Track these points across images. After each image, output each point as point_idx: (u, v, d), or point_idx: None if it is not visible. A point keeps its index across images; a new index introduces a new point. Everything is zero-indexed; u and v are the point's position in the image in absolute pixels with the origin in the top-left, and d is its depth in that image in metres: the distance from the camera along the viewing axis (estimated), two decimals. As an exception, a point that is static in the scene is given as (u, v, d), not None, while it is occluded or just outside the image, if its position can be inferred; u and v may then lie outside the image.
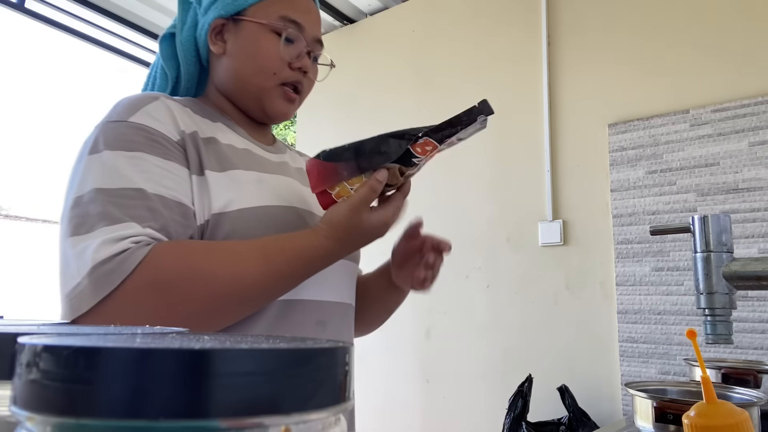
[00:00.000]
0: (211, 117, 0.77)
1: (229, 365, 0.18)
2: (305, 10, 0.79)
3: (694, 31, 1.81)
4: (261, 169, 0.75)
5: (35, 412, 0.18)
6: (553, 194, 2.03)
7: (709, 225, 0.80)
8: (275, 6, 0.76)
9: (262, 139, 0.84)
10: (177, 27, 0.81)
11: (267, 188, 0.72)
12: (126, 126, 0.65)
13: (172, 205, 0.63)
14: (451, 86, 2.35)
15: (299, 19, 0.77)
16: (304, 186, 0.81)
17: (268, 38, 0.75)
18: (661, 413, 0.83)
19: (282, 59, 0.76)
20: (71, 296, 0.58)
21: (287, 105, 0.79)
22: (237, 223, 0.66)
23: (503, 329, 2.08)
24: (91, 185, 0.61)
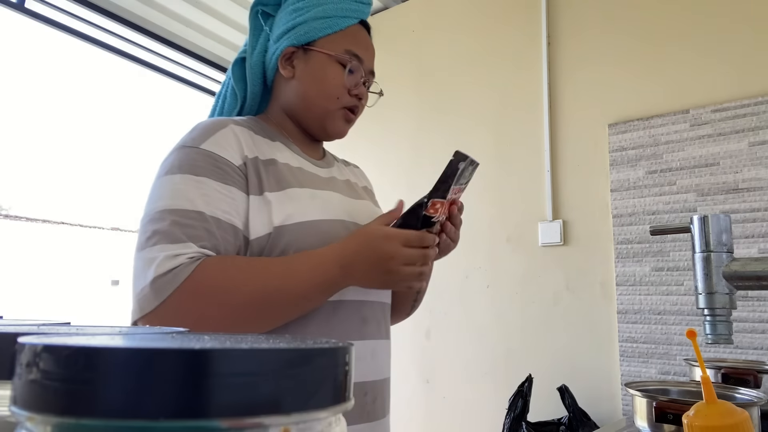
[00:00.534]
0: (270, 136, 0.88)
1: (229, 365, 0.18)
2: (365, 46, 0.92)
3: (694, 31, 1.81)
4: (313, 186, 0.86)
5: (35, 412, 0.18)
6: (553, 194, 2.03)
7: (709, 225, 0.80)
8: (342, 40, 0.89)
9: (314, 154, 0.95)
10: (248, 51, 0.93)
11: (318, 203, 0.83)
12: (197, 152, 0.77)
13: (225, 227, 0.75)
14: (451, 86, 2.35)
15: (360, 53, 0.90)
16: (350, 199, 0.92)
17: (333, 67, 0.88)
18: (661, 413, 0.83)
19: (344, 86, 0.89)
20: (138, 298, 0.71)
21: (345, 125, 0.92)
22: (293, 236, 0.77)
23: (503, 329, 2.08)
24: (162, 205, 0.74)
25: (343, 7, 0.89)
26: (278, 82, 0.93)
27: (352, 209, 0.89)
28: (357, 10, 0.91)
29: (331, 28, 0.89)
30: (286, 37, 0.89)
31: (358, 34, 0.91)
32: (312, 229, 0.79)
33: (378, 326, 0.88)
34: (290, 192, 0.81)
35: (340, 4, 0.89)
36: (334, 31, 0.89)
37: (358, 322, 0.84)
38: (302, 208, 0.80)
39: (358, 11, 0.91)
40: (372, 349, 0.85)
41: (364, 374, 0.82)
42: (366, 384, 0.82)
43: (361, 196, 0.97)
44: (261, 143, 0.85)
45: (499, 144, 2.19)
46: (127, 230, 13.88)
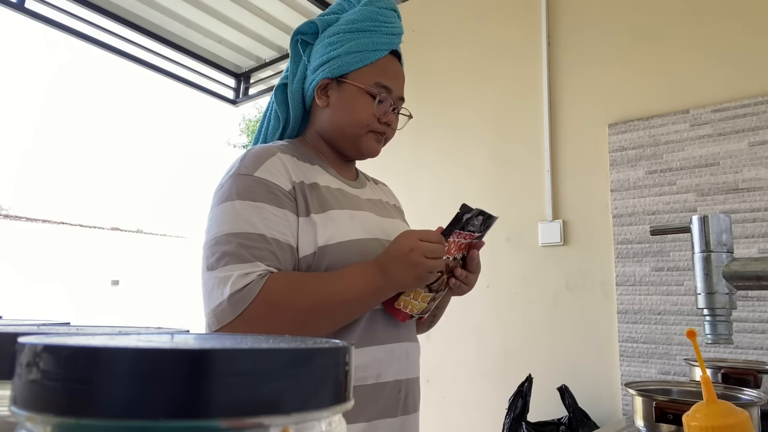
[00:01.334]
0: (310, 160, 0.96)
1: (229, 365, 0.18)
2: (394, 76, 0.99)
3: (693, 32, 1.81)
4: (351, 206, 0.94)
5: (35, 412, 0.18)
6: (553, 194, 2.03)
7: (709, 225, 0.80)
8: (372, 73, 0.96)
9: (348, 175, 1.03)
10: (289, 78, 1.01)
11: (357, 224, 0.91)
12: (252, 180, 0.86)
13: (284, 247, 0.84)
14: (451, 86, 2.35)
15: (389, 84, 0.97)
16: (383, 218, 0.99)
17: (364, 99, 0.95)
18: (661, 413, 0.83)
19: (374, 116, 0.96)
20: (216, 312, 0.79)
21: (378, 146, 1.00)
22: (336, 254, 0.86)
23: (503, 329, 2.08)
24: (227, 229, 0.82)
25: (374, 41, 0.96)
26: (315, 108, 1.01)
27: (387, 228, 0.97)
28: (387, 42, 0.98)
29: (362, 62, 0.95)
30: (322, 69, 0.96)
31: (388, 65, 0.98)
32: (352, 247, 0.88)
33: (409, 331, 0.97)
34: (332, 214, 0.89)
35: (372, 38, 0.96)
36: (365, 65, 0.95)
37: (395, 327, 0.93)
38: (342, 228, 0.88)
39: (388, 43, 0.98)
40: (407, 350, 0.94)
41: (400, 372, 0.91)
42: (401, 381, 0.91)
43: (392, 214, 1.04)
44: (303, 168, 0.93)
45: (499, 144, 2.19)
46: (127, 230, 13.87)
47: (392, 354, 0.90)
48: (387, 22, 0.99)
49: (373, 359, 0.87)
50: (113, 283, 12.50)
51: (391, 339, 0.91)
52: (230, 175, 0.88)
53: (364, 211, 0.96)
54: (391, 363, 0.89)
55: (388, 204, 1.08)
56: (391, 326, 0.92)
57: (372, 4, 0.99)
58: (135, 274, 12.40)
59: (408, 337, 0.96)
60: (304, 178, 0.91)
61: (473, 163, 2.23)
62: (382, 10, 0.99)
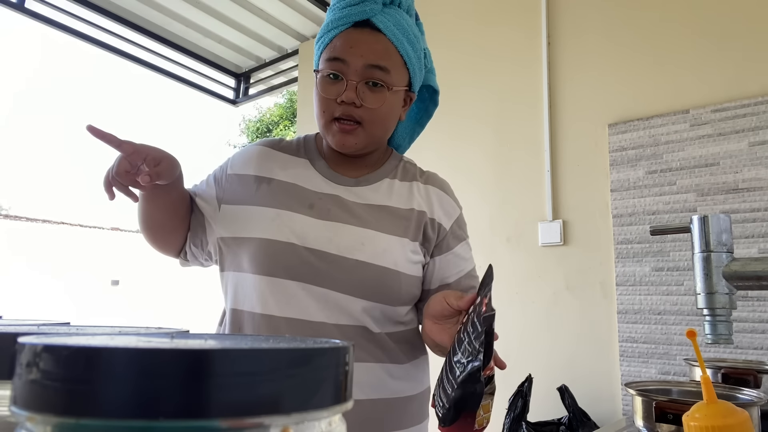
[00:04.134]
0: (301, 153, 0.96)
1: (229, 365, 0.18)
2: (349, 44, 0.86)
3: (694, 31, 1.81)
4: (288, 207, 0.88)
5: (35, 412, 0.18)
6: (553, 194, 2.03)
7: (709, 225, 0.80)
8: (325, 53, 0.88)
9: (348, 171, 0.95)
10: None
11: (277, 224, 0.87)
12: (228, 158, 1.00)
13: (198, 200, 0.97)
14: (451, 86, 2.35)
15: (341, 55, 0.85)
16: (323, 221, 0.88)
17: (320, 84, 0.87)
18: (661, 413, 0.83)
19: (327, 98, 0.86)
20: None
21: (342, 137, 0.87)
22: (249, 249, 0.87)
23: (503, 329, 2.07)
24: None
25: (330, 21, 0.87)
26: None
27: (322, 234, 0.86)
28: (343, 17, 0.86)
29: (320, 48, 0.89)
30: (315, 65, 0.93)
31: (342, 38, 0.86)
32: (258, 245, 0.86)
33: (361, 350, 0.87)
34: (249, 209, 0.90)
35: (329, 18, 0.88)
36: (323, 49, 0.88)
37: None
38: (260, 225, 0.87)
39: (345, 17, 0.86)
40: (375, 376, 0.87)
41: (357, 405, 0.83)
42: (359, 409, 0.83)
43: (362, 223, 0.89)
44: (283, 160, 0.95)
45: (499, 144, 2.19)
46: (127, 230, 13.88)
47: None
48: None
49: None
50: (113, 283, 12.50)
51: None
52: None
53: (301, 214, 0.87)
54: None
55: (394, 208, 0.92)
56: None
57: None
58: (135, 274, 12.40)
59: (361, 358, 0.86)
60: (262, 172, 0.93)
61: (473, 163, 2.23)
62: None
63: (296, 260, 0.84)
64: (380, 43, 0.87)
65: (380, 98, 0.87)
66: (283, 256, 0.84)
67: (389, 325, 0.90)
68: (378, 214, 0.91)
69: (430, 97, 1.07)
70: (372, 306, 0.87)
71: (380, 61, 0.86)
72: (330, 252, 0.85)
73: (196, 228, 0.95)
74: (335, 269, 0.84)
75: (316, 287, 0.84)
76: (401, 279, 0.89)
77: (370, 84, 0.86)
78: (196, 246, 0.96)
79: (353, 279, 0.85)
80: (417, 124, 1.11)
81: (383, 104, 0.87)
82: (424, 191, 0.99)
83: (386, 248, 0.88)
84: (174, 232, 0.95)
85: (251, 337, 0.26)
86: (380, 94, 0.87)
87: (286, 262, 0.84)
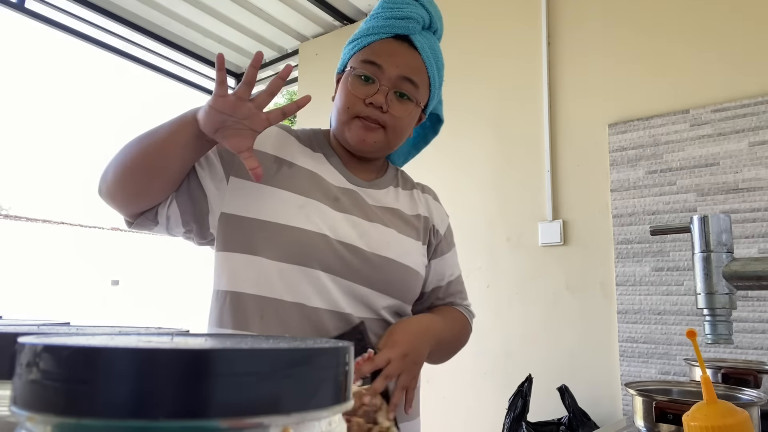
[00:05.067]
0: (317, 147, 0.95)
1: (229, 365, 0.18)
2: (388, 53, 0.90)
3: (694, 31, 1.81)
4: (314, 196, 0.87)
5: (35, 412, 0.18)
6: (553, 194, 2.03)
7: (709, 225, 0.80)
8: (362, 55, 0.90)
9: (360, 173, 0.96)
10: None
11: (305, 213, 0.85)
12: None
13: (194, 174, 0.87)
14: (451, 86, 2.34)
15: (377, 59, 0.89)
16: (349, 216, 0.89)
17: (350, 80, 0.89)
18: (661, 413, 0.83)
19: (355, 96, 0.88)
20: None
21: (364, 132, 0.89)
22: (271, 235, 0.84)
23: (503, 329, 2.07)
24: None
25: (371, 26, 0.92)
26: None
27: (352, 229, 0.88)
28: (386, 26, 0.91)
29: (355, 48, 0.92)
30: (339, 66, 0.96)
31: (382, 44, 0.91)
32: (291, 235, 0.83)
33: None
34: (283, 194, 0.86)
35: (370, 24, 0.92)
36: (358, 50, 0.92)
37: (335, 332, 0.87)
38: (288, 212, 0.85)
39: (387, 26, 0.91)
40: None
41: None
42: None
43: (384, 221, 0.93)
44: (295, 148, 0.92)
45: (499, 144, 2.19)
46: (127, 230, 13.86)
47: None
48: (394, 7, 0.92)
49: None
50: (113, 283, 12.50)
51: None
52: None
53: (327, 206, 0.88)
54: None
55: (402, 213, 0.98)
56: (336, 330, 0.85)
57: None
58: (135, 274, 12.40)
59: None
60: (282, 154, 0.90)
61: (473, 163, 2.23)
62: None
63: (329, 252, 0.85)
64: (416, 59, 0.92)
65: (406, 109, 0.91)
66: (316, 248, 0.84)
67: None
68: (392, 216, 0.96)
69: (432, 126, 1.11)
70: (392, 303, 0.92)
71: (413, 75, 0.91)
72: (360, 247, 0.88)
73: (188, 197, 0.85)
74: (365, 265, 0.88)
75: (345, 280, 0.86)
76: (418, 279, 0.95)
77: (397, 94, 0.90)
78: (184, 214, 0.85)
79: (380, 276, 0.89)
80: (414, 147, 1.15)
81: (407, 115, 0.92)
82: (423, 199, 1.06)
83: (408, 249, 0.94)
84: (165, 187, 0.83)
85: (251, 338, 0.26)
86: (406, 106, 0.91)
87: (319, 254, 0.84)
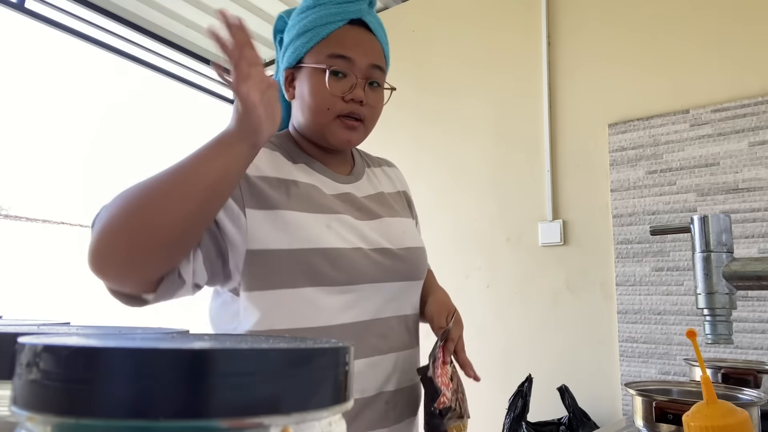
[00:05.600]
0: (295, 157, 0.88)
1: (229, 365, 0.18)
2: (354, 43, 0.85)
3: (694, 31, 1.81)
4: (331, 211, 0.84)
5: (35, 412, 0.18)
6: (553, 194, 2.03)
7: (709, 225, 0.80)
8: (325, 48, 0.84)
9: (339, 167, 0.93)
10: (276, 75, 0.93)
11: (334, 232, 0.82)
12: None
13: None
14: (451, 86, 2.35)
15: (347, 53, 0.84)
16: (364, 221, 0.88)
17: (318, 78, 0.84)
18: (661, 413, 0.83)
19: (332, 94, 0.84)
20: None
21: (348, 133, 0.86)
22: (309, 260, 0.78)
23: (503, 329, 2.07)
24: None
25: (323, 15, 0.85)
26: (291, 103, 0.92)
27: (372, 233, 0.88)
28: (341, 12, 0.85)
29: (313, 40, 0.85)
30: (284, 60, 0.89)
31: (343, 34, 0.86)
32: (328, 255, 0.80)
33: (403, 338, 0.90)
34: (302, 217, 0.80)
35: (321, 12, 0.85)
36: (316, 42, 0.85)
37: (383, 338, 0.86)
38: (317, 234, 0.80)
39: (342, 13, 0.85)
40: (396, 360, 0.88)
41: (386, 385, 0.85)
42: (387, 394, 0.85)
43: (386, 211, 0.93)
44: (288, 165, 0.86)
45: (499, 144, 2.19)
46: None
47: (377, 367, 0.83)
48: None
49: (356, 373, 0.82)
50: (113, 283, 12.49)
51: (377, 351, 0.84)
52: None
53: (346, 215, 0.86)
54: (375, 377, 0.83)
55: (388, 194, 0.98)
56: (380, 337, 0.85)
57: None
58: (135, 274, 12.39)
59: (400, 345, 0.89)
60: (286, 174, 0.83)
61: (473, 163, 2.23)
62: None
63: (367, 263, 0.84)
64: (376, 43, 0.89)
65: (380, 97, 0.90)
66: (356, 263, 0.82)
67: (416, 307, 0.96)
68: (385, 203, 0.95)
69: None
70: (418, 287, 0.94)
71: (379, 61, 0.88)
72: (387, 247, 0.88)
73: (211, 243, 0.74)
74: (397, 261, 0.88)
75: (386, 284, 0.86)
76: (426, 255, 0.97)
77: (370, 83, 0.87)
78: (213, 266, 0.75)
79: (409, 265, 0.90)
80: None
81: (381, 102, 0.90)
82: (390, 172, 1.05)
83: (413, 230, 0.96)
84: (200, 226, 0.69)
85: (251, 338, 0.26)
86: (379, 94, 0.89)
87: (360, 268, 0.82)
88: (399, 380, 0.88)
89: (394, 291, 0.88)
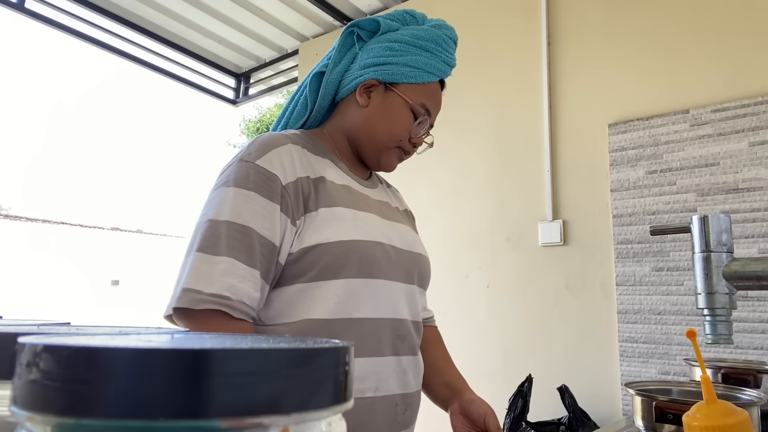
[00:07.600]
0: (321, 153, 0.93)
1: (229, 365, 0.18)
2: (437, 102, 1.00)
3: (694, 31, 1.81)
4: (357, 206, 0.90)
5: (35, 412, 0.18)
6: (553, 194, 2.03)
7: (709, 225, 0.80)
8: (420, 93, 0.96)
9: (360, 173, 1.01)
10: (329, 66, 0.97)
11: (360, 224, 0.87)
12: (252, 167, 0.82)
13: (265, 243, 0.79)
14: (451, 86, 2.34)
15: (431, 109, 0.98)
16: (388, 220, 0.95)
17: (406, 114, 0.95)
18: (661, 413, 0.83)
19: (407, 131, 0.96)
20: (172, 294, 0.78)
21: (396, 162, 1.00)
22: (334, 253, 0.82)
23: (503, 329, 2.07)
24: (211, 216, 0.79)
25: (432, 64, 0.96)
26: (348, 104, 0.98)
27: (391, 232, 0.93)
28: (442, 70, 0.99)
29: (416, 79, 0.95)
30: (373, 70, 0.94)
31: (436, 92, 0.99)
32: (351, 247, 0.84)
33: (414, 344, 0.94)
34: (336, 211, 0.86)
35: (431, 60, 0.96)
36: (417, 82, 0.95)
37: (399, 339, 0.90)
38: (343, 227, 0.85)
39: (442, 71, 0.99)
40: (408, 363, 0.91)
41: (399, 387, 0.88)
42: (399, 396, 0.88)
43: (401, 219, 1.01)
44: (313, 160, 0.90)
45: (499, 144, 2.19)
46: (127, 230, 13.87)
47: (392, 367, 0.86)
48: (447, 50, 1.01)
49: (372, 371, 0.82)
50: (113, 283, 12.51)
51: (394, 352, 0.87)
52: (235, 159, 0.85)
53: (369, 212, 0.92)
54: (390, 376, 0.85)
55: (398, 209, 1.05)
56: (396, 337, 0.88)
57: (440, 29, 1.01)
58: (135, 274, 12.41)
59: (413, 350, 0.92)
60: (311, 172, 0.87)
61: (473, 163, 2.23)
62: (447, 38, 1.01)
63: (386, 258, 0.88)
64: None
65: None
66: (376, 257, 0.86)
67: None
68: (397, 212, 1.03)
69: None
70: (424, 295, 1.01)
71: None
72: (403, 248, 0.93)
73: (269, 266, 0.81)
74: (411, 264, 0.93)
75: (402, 284, 0.91)
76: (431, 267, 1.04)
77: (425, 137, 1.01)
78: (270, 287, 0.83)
79: (420, 271, 0.96)
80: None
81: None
82: (396, 193, 1.14)
83: (420, 242, 1.02)
84: None
85: (251, 337, 0.26)
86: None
87: (381, 262, 0.86)
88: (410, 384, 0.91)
89: (408, 293, 0.92)
